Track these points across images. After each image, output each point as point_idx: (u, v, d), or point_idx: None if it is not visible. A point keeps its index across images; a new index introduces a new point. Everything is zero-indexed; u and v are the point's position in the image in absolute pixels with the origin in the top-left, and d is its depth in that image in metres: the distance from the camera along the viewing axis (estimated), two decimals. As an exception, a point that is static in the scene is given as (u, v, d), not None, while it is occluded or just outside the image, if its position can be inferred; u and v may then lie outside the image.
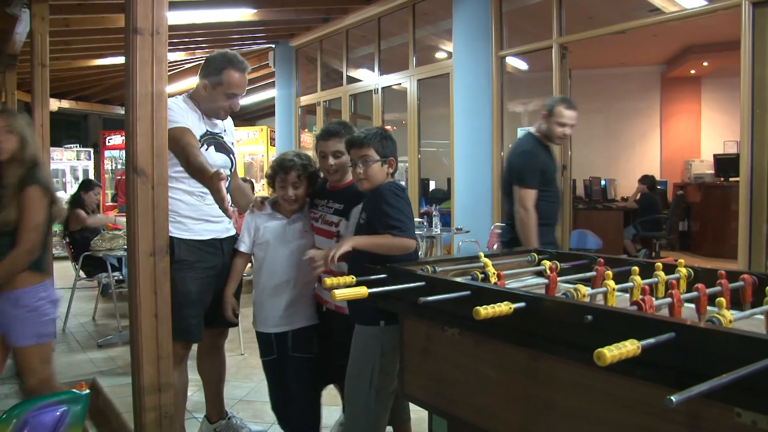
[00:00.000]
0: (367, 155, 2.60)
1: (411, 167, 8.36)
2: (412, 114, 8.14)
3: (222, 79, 2.92)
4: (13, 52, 7.15)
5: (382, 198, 2.54)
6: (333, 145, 2.84)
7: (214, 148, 3.00)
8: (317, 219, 2.97)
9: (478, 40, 6.92)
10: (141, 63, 2.07)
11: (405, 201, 2.57)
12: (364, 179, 2.62)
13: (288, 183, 2.95)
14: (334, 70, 10.21)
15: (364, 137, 2.62)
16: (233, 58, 2.96)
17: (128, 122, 2.09)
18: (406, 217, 2.52)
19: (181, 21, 7.87)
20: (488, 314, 1.63)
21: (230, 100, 2.98)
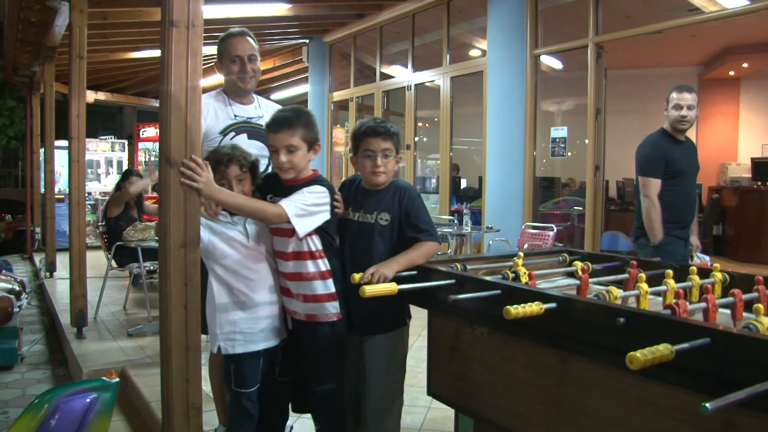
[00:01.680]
0: (390, 149, 2.51)
1: (443, 165, 8.32)
2: (444, 111, 8.10)
3: (222, 51, 2.95)
4: (52, 45, 7.29)
5: (413, 201, 2.52)
6: (284, 138, 2.41)
7: (246, 135, 2.95)
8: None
9: (512, 38, 6.86)
10: (176, 55, 2.09)
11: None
12: (383, 173, 2.51)
13: (230, 178, 2.48)
14: (367, 66, 10.21)
15: (392, 130, 2.53)
16: (226, 32, 2.98)
17: (162, 114, 2.11)
18: (431, 219, 2.57)
19: (217, 15, 7.93)
20: (518, 314, 1.61)
21: (235, 65, 2.91)
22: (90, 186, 11.11)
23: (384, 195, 2.54)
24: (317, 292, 2.46)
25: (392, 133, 2.51)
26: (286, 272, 2.50)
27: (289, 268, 2.49)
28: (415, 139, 8.91)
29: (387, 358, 2.54)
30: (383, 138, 2.48)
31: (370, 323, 2.51)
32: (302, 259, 2.47)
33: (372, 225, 2.51)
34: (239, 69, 2.92)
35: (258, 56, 2.99)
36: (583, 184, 7.03)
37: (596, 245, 6.11)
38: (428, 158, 10.71)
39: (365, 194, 2.58)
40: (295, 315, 2.53)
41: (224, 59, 2.95)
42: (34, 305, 7.47)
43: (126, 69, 11.84)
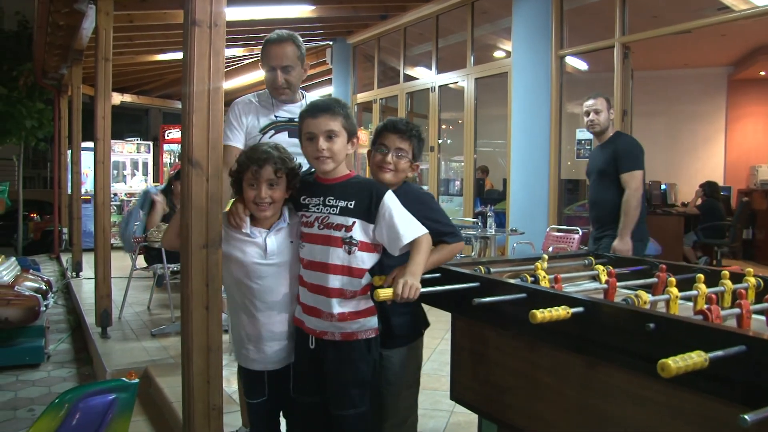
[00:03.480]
0: (405, 150, 2.41)
1: (467, 167, 8.27)
2: (468, 113, 8.05)
3: (262, 56, 2.89)
4: (79, 48, 7.37)
5: (427, 204, 2.43)
6: (324, 123, 2.19)
7: (287, 133, 2.85)
8: (311, 223, 2.25)
9: (537, 39, 6.80)
10: (198, 55, 2.08)
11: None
12: (390, 170, 2.39)
13: (261, 181, 2.24)
14: (391, 68, 10.19)
15: (413, 131, 2.43)
16: (271, 35, 2.88)
17: (185, 114, 2.11)
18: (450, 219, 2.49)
19: (241, 17, 7.95)
20: (545, 318, 1.58)
21: (270, 73, 2.83)
22: (116, 187, 11.22)
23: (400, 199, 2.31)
24: (360, 308, 2.21)
25: (412, 135, 2.42)
26: (326, 286, 2.18)
27: (329, 282, 2.17)
28: (438, 141, 8.87)
29: (402, 372, 2.44)
30: (400, 136, 2.40)
31: (386, 335, 2.36)
32: (352, 275, 2.19)
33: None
34: (272, 80, 2.84)
35: (297, 65, 2.86)
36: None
37: (622, 248, 6.01)
38: (452, 160, 10.66)
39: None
40: (324, 336, 2.22)
41: (263, 65, 2.89)
42: (60, 304, 7.56)
43: (151, 71, 11.94)
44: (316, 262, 2.21)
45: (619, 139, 4.38)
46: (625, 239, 4.11)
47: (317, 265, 2.20)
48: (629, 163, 4.21)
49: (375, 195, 2.19)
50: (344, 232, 2.18)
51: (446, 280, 2.17)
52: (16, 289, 5.09)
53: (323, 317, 2.20)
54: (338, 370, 2.23)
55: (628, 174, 4.17)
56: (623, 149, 4.25)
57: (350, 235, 2.18)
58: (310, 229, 2.25)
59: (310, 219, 2.27)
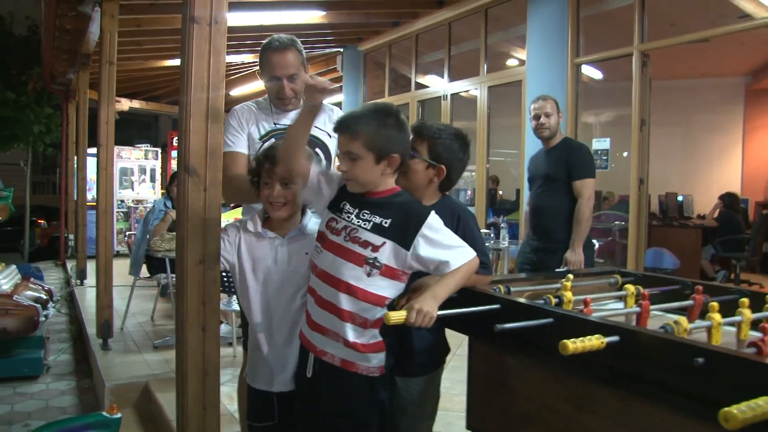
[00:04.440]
0: (417, 149, 2.16)
1: (479, 177, 8.10)
2: (481, 122, 7.89)
3: (262, 64, 2.71)
4: (86, 52, 7.27)
5: (466, 222, 2.18)
6: (342, 143, 1.99)
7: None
8: (338, 231, 2.01)
9: (552, 46, 6.64)
10: (197, 54, 1.92)
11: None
12: (401, 173, 2.11)
13: (275, 179, 2.15)
14: (402, 76, 10.05)
15: (425, 128, 2.19)
16: (269, 40, 2.69)
17: (181, 118, 1.95)
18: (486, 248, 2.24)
19: (250, 22, 7.84)
20: (577, 349, 1.41)
21: (274, 83, 2.67)
22: (123, 194, 11.12)
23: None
24: (369, 340, 1.99)
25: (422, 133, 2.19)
26: (337, 305, 1.96)
27: (340, 301, 1.95)
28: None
29: (420, 403, 2.24)
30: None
31: (405, 363, 2.16)
32: (366, 300, 1.96)
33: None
34: (277, 91, 2.68)
35: (301, 72, 2.69)
36: (623, 198, 6.75)
37: (639, 262, 5.83)
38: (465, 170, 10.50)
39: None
40: (323, 356, 2.02)
41: (263, 73, 2.73)
42: (64, 313, 7.42)
43: (161, 77, 11.85)
44: (329, 274, 1.98)
45: (570, 144, 4.26)
46: (577, 250, 3.97)
47: (330, 278, 1.98)
48: (583, 170, 4.07)
49: (415, 217, 1.94)
50: (370, 251, 1.94)
51: (463, 301, 1.99)
52: (14, 298, 4.95)
53: (328, 335, 1.99)
54: (332, 403, 2.00)
55: (582, 182, 4.03)
56: (577, 156, 4.12)
57: (375, 256, 1.94)
58: (334, 236, 2.01)
59: (337, 226, 2.02)
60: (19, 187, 11.85)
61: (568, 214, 4.03)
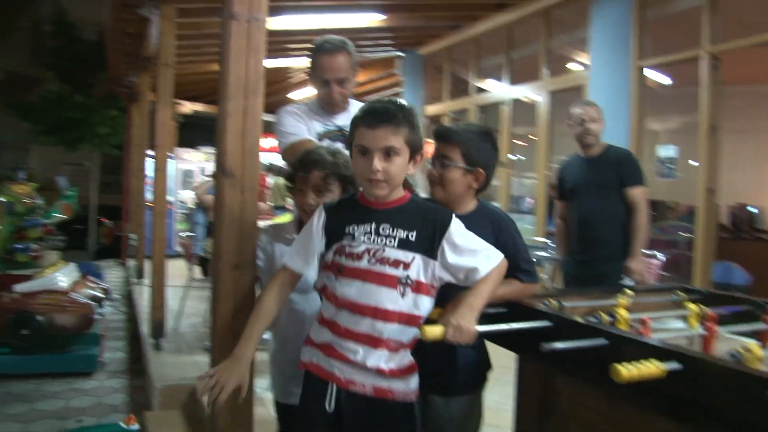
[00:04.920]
0: (450, 157, 2.04)
1: (539, 184, 7.89)
2: (542, 128, 7.68)
3: (313, 66, 2.66)
4: (147, 55, 7.40)
5: (508, 230, 2.06)
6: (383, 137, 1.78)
7: (343, 146, 2.57)
8: (359, 255, 1.81)
9: (616, 50, 6.40)
10: (235, 52, 1.86)
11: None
12: (439, 186, 2.05)
13: (309, 186, 2.11)
14: (461, 80, 9.90)
15: (454, 131, 2.07)
16: (320, 42, 2.65)
17: (219, 118, 1.89)
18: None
19: (309, 26, 7.84)
20: (632, 377, 1.28)
21: (323, 86, 2.63)
22: (184, 195, 11.30)
23: (473, 223, 1.94)
24: (404, 363, 1.83)
25: (459, 138, 2.06)
26: (375, 336, 1.78)
27: (383, 331, 1.77)
28: (511, 156, 8.52)
29: (462, 424, 2.10)
30: (442, 142, 2.07)
31: (446, 381, 2.04)
32: (410, 323, 1.80)
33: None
34: (326, 94, 2.64)
35: (351, 75, 2.65)
36: (690, 209, 6.45)
37: (707, 277, 5.54)
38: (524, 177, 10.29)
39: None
40: (351, 386, 1.81)
41: (314, 76, 2.68)
42: (122, 312, 7.56)
43: (222, 80, 11.99)
44: (358, 303, 1.78)
45: (618, 151, 4.17)
46: (639, 258, 3.84)
47: (360, 307, 1.78)
48: (638, 177, 3.98)
49: (440, 224, 1.82)
50: (402, 269, 1.78)
51: (512, 316, 1.87)
52: (71, 295, 5.05)
53: (356, 365, 1.79)
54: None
55: (638, 189, 3.92)
56: (629, 163, 4.04)
57: (407, 274, 1.78)
58: (356, 262, 1.80)
59: (357, 250, 1.81)
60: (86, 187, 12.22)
61: (623, 223, 3.91)
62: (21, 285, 5.06)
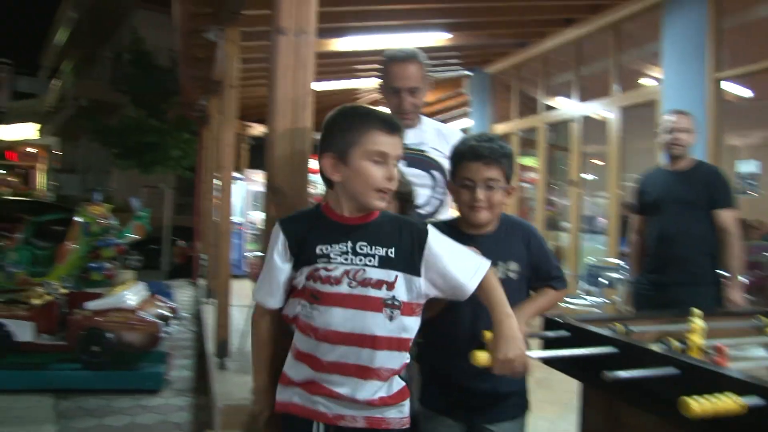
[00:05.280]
0: (495, 178, 1.94)
1: (611, 203, 7.63)
2: (613, 145, 7.44)
3: (384, 75, 2.62)
4: (216, 78, 7.55)
5: (539, 239, 2.04)
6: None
7: (406, 163, 2.53)
8: (338, 279, 1.66)
9: (690, 62, 6.14)
10: (283, 67, 1.82)
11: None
12: (486, 209, 1.95)
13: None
14: (530, 98, 9.74)
15: (496, 151, 1.94)
16: (391, 52, 2.63)
17: (268, 134, 1.85)
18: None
19: (374, 46, 7.86)
20: (705, 412, 1.15)
21: (394, 96, 2.57)
22: (254, 215, 11.47)
23: (503, 237, 2.00)
24: (393, 389, 1.72)
25: (501, 156, 1.95)
26: (366, 366, 1.66)
27: (374, 360, 1.66)
28: (582, 175, 8.29)
29: None
30: (486, 163, 1.93)
31: (491, 406, 1.94)
32: (400, 349, 1.70)
33: (501, 281, 1.80)
34: (397, 103, 2.58)
35: (423, 86, 2.60)
36: (776, 228, 6.10)
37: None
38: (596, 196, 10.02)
39: (471, 240, 1.94)
40: (340, 421, 1.68)
41: (384, 86, 2.65)
42: (191, 330, 7.68)
43: (292, 103, 12.17)
44: (341, 332, 1.64)
45: (710, 168, 3.89)
46: (739, 288, 3.58)
47: (351, 338, 1.64)
48: (730, 198, 3.70)
49: (417, 237, 1.71)
50: (386, 290, 1.65)
51: (574, 340, 1.75)
52: (139, 314, 5.14)
53: (343, 399, 1.67)
54: None
55: (729, 212, 3.65)
56: (721, 182, 3.74)
57: (393, 295, 1.65)
58: (334, 287, 1.65)
59: (334, 273, 1.66)
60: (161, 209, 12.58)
61: (710, 246, 3.64)
62: (92, 302, 5.19)
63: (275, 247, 1.71)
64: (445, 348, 1.95)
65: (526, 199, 9.89)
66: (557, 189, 9.71)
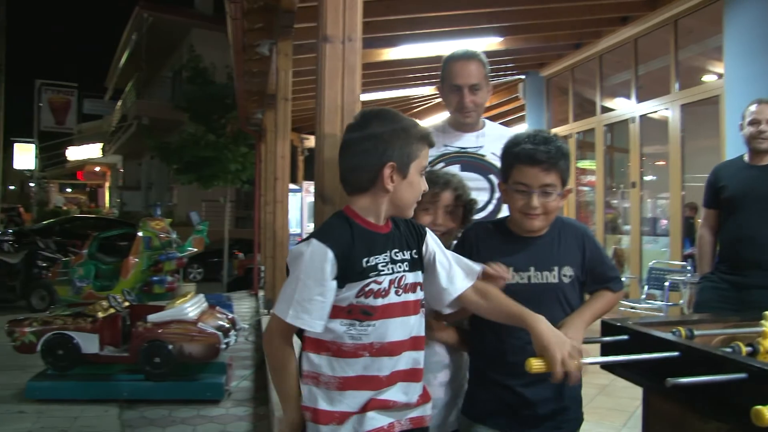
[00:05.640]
0: (552, 183, 1.83)
1: (673, 204, 7.39)
2: (674, 145, 7.21)
3: (444, 74, 2.58)
4: (271, 92, 7.66)
5: (597, 244, 1.94)
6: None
7: (460, 166, 2.54)
8: (386, 291, 1.64)
9: (755, 55, 5.90)
10: (330, 74, 1.81)
11: None
12: (541, 215, 1.84)
13: (439, 206, 2.02)
14: (587, 100, 9.56)
15: (552, 155, 1.81)
16: (452, 52, 2.60)
17: (316, 142, 1.84)
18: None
19: (427, 53, 7.85)
20: (777, 420, 1.06)
21: (455, 93, 2.52)
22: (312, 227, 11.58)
23: (556, 240, 1.90)
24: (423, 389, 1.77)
25: (558, 160, 1.82)
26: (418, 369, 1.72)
27: (421, 360, 1.73)
28: (642, 177, 8.07)
29: None
30: (544, 168, 1.81)
31: (548, 419, 1.85)
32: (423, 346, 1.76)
33: (555, 286, 1.83)
34: (457, 101, 2.54)
35: (484, 84, 2.55)
36: None
37: None
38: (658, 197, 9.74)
39: (522, 243, 1.89)
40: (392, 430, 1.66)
41: (444, 85, 2.61)
42: (251, 341, 7.76)
43: (350, 114, 12.30)
44: (403, 341, 1.65)
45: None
46: None
47: (405, 345, 1.66)
48: None
49: (417, 229, 1.77)
50: (419, 291, 1.72)
51: (633, 344, 1.67)
52: (199, 325, 5.21)
53: (396, 407, 1.65)
54: None
55: None
56: None
57: (423, 295, 1.72)
58: (386, 299, 1.62)
59: (382, 287, 1.62)
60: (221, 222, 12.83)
61: None
62: (153, 315, 5.29)
63: (323, 266, 1.57)
64: (497, 354, 1.85)
65: (585, 203, 9.69)
66: (617, 191, 9.48)
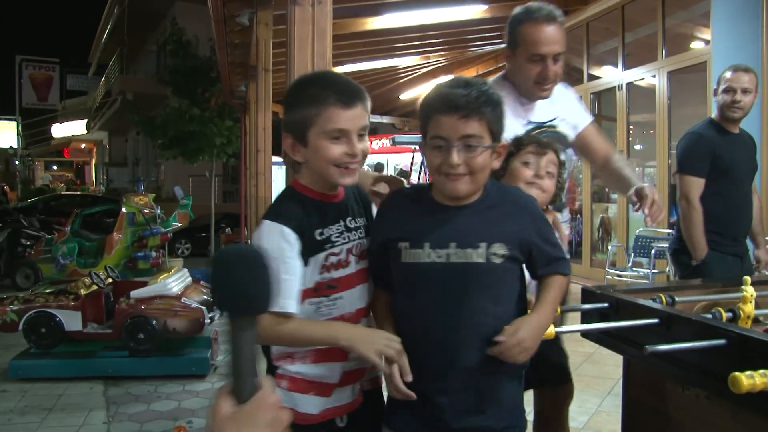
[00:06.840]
0: (475, 135, 1.45)
1: (660, 172, 7.37)
2: (661, 112, 7.16)
3: (518, 38, 2.17)
4: (253, 63, 7.53)
5: (540, 215, 1.60)
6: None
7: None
8: (345, 261, 1.59)
9: (743, 20, 5.83)
10: (299, 38, 1.73)
11: None
12: (465, 175, 1.46)
13: (540, 165, 1.86)
14: (574, 68, 9.47)
15: (480, 98, 1.43)
16: (529, 8, 2.16)
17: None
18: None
19: (412, 22, 7.74)
20: (755, 387, 1.03)
21: (535, 63, 2.13)
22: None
23: (487, 210, 1.53)
24: None
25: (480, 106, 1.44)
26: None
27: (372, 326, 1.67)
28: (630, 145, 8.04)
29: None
30: (463, 116, 1.43)
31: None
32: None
33: (481, 267, 1.47)
34: (538, 72, 2.15)
35: (563, 52, 2.19)
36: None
37: None
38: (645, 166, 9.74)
39: (445, 213, 1.53)
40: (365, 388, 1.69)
41: (518, 51, 2.19)
42: (237, 315, 7.74)
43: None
44: (367, 307, 1.64)
45: (748, 134, 3.58)
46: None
47: (363, 312, 1.64)
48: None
49: (364, 199, 1.73)
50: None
51: (612, 312, 1.64)
52: (183, 300, 5.16)
53: (365, 370, 1.64)
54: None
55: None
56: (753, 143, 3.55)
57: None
58: (347, 269, 1.58)
59: (341, 256, 1.57)
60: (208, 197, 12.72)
61: None
62: (136, 291, 5.23)
63: (279, 245, 1.48)
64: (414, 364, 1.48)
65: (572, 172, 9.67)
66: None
